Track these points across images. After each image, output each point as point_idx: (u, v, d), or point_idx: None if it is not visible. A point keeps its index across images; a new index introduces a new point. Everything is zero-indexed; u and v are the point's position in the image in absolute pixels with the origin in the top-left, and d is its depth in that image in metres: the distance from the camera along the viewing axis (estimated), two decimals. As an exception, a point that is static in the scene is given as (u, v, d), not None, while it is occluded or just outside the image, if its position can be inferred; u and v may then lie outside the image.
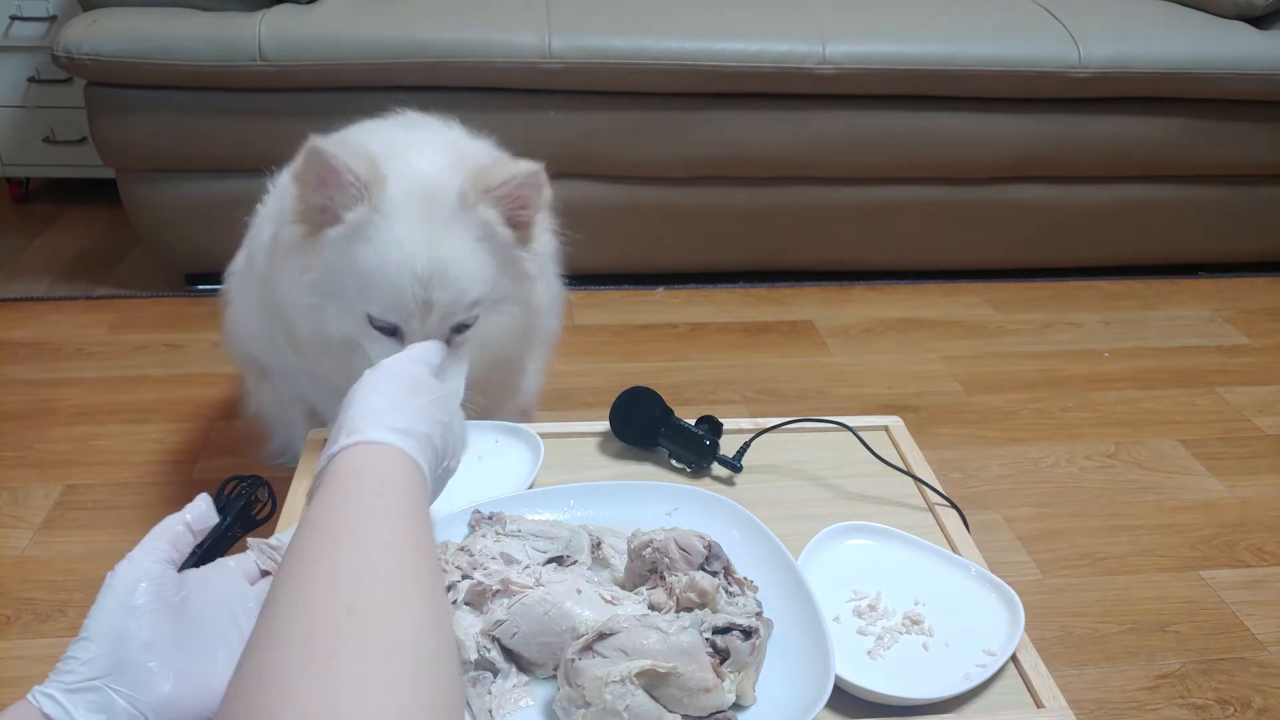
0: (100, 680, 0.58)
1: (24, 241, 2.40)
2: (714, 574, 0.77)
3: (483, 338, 1.02)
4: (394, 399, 0.63)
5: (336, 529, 0.51)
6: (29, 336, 1.97)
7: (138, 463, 1.60)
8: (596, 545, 0.86)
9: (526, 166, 0.95)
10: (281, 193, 1.12)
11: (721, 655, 0.70)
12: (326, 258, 0.96)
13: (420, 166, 0.98)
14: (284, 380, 1.28)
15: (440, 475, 0.65)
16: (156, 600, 0.62)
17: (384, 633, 0.45)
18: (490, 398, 1.23)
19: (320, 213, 0.96)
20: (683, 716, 0.69)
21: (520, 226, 1.00)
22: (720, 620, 0.72)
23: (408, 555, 0.50)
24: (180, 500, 0.68)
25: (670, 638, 0.70)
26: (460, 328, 0.99)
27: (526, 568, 0.79)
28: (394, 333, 0.97)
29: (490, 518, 0.88)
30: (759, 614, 0.75)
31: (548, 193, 1.00)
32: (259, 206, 1.22)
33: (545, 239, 1.11)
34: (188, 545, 0.68)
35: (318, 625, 0.44)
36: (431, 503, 0.62)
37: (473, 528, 0.88)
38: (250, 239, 1.21)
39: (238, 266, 1.26)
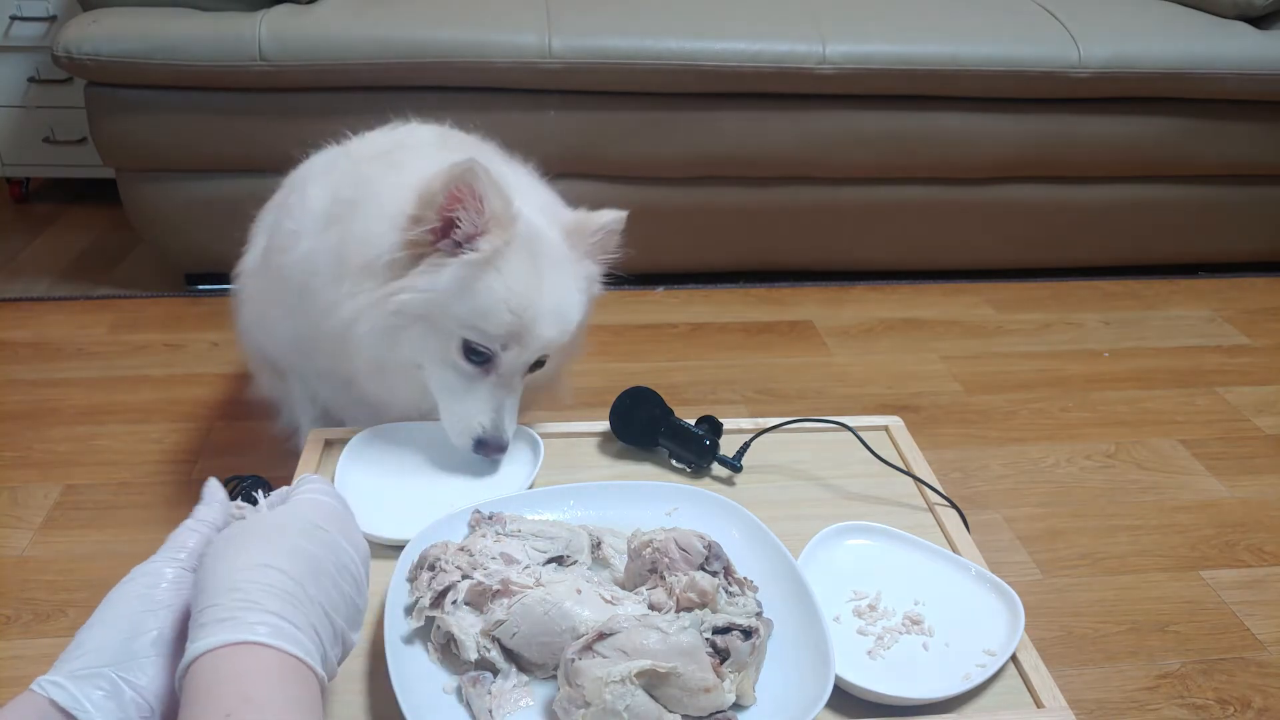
0: (109, 668, 0.58)
1: (24, 241, 2.40)
2: (714, 574, 0.77)
3: (545, 370, 1.08)
4: (279, 563, 0.57)
5: None
6: (29, 336, 1.97)
7: (138, 463, 1.60)
8: (596, 545, 0.86)
9: (613, 214, 1.02)
10: (306, 200, 1.11)
11: (721, 655, 0.70)
12: (440, 281, 0.96)
13: (526, 204, 1.01)
14: (302, 381, 1.28)
15: (341, 653, 0.61)
16: (176, 598, 0.62)
17: None
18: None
19: (434, 236, 0.96)
20: (683, 716, 0.69)
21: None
22: (720, 620, 0.72)
23: None
24: (180, 500, 0.67)
25: (670, 638, 0.70)
26: (538, 364, 1.04)
27: (526, 568, 0.79)
28: (485, 360, 1.00)
29: (490, 518, 0.88)
30: (759, 614, 0.75)
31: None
32: (271, 204, 1.21)
33: None
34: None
35: None
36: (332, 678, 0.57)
37: (473, 528, 0.88)
38: (267, 242, 1.19)
39: (249, 266, 1.24)
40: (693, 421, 1.05)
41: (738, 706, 0.71)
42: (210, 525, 0.66)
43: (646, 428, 1.05)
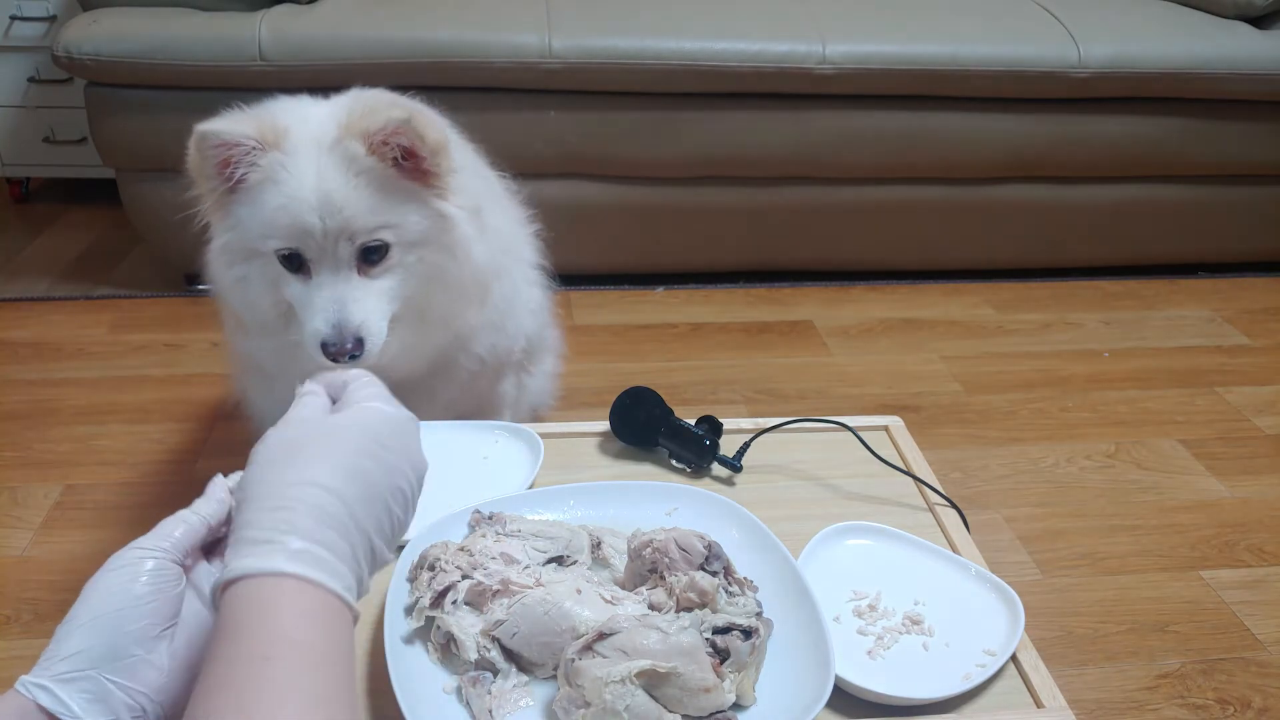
0: (95, 671, 0.57)
1: (24, 241, 2.40)
2: (714, 574, 0.77)
3: (404, 273, 1.05)
4: (335, 483, 0.54)
5: (220, 704, 0.47)
6: (29, 336, 1.97)
7: (138, 463, 1.60)
8: (596, 545, 0.86)
9: (397, 115, 0.99)
10: None
11: (721, 655, 0.70)
12: (238, 213, 1.02)
13: (316, 113, 1.05)
14: (283, 378, 1.27)
15: (374, 569, 0.59)
16: (156, 592, 0.61)
17: None
18: (472, 403, 1.25)
19: (227, 183, 1.01)
20: (683, 716, 0.69)
21: (419, 169, 1.03)
22: (720, 620, 0.72)
23: None
24: (181, 500, 0.67)
25: (670, 638, 0.70)
26: (367, 255, 1.02)
27: (526, 568, 0.79)
28: (300, 265, 1.02)
29: (490, 518, 0.88)
30: (759, 614, 0.75)
31: (435, 136, 1.02)
32: None
33: (474, 186, 1.12)
34: (200, 539, 0.65)
35: None
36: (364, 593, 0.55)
37: (473, 528, 0.88)
38: None
39: None
40: (693, 421, 1.05)
41: (738, 706, 0.71)
42: (204, 520, 0.64)
43: (646, 428, 1.05)
